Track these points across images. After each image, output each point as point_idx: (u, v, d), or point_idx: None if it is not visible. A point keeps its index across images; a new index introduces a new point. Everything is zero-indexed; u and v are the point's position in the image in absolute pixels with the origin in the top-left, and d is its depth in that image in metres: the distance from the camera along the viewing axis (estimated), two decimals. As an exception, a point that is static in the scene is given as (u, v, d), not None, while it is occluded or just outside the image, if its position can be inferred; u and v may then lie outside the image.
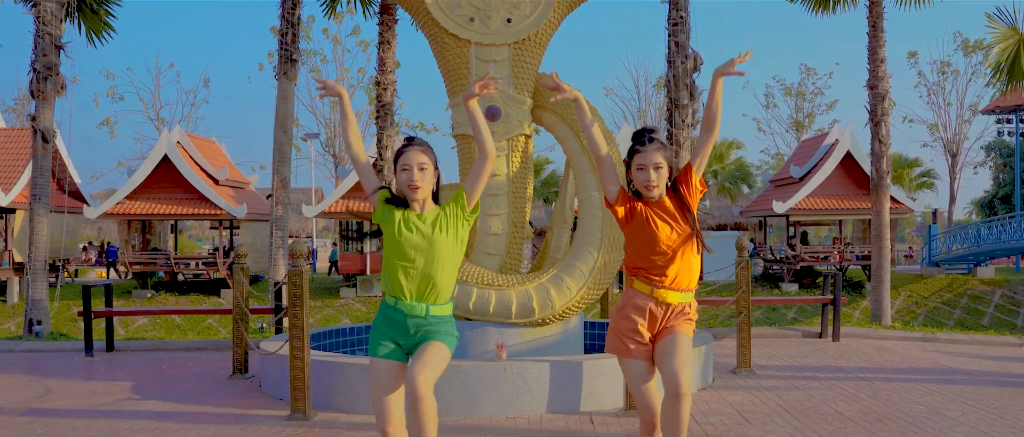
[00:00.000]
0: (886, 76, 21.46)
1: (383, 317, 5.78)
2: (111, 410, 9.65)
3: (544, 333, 10.45)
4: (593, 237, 10.43)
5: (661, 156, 5.78)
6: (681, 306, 5.87)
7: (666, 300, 5.81)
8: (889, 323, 20.52)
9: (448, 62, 10.78)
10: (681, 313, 5.88)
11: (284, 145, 19.79)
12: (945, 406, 9.41)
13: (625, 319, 5.91)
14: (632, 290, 5.93)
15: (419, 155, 5.68)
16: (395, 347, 5.75)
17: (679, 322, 5.87)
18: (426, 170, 5.69)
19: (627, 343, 5.88)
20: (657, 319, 5.86)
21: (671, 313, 5.85)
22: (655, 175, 5.74)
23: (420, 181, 5.64)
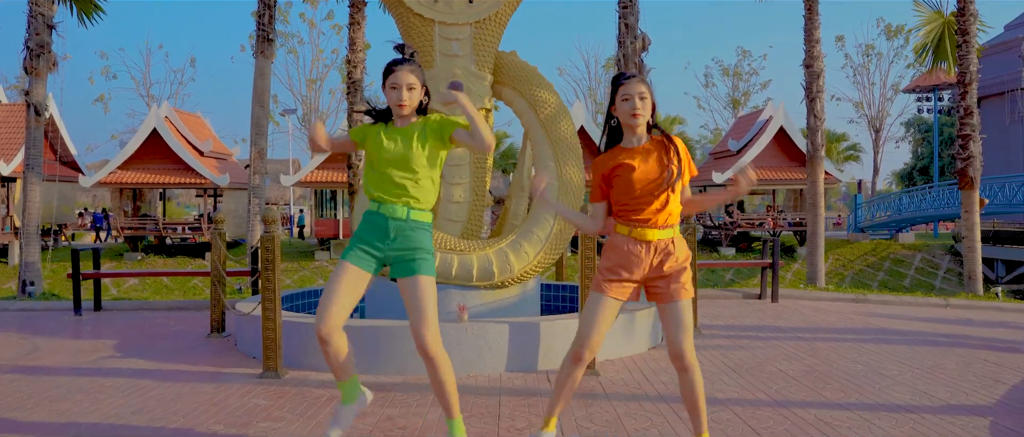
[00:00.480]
0: (820, 56, 21.18)
1: (365, 223, 5.54)
2: (94, 368, 9.26)
3: (503, 295, 10.13)
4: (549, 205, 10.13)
5: (645, 87, 5.37)
6: (664, 245, 5.37)
7: (646, 238, 5.33)
8: (823, 285, 20.34)
9: (413, 40, 10.44)
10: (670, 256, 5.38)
11: (261, 119, 19.37)
12: (882, 365, 9.16)
13: (606, 260, 5.48)
14: (613, 234, 5.49)
15: (408, 75, 5.44)
16: (368, 256, 5.50)
17: (679, 286, 5.40)
18: (414, 89, 5.46)
19: (602, 281, 5.44)
20: (642, 260, 5.37)
21: (656, 255, 5.36)
22: (640, 103, 5.30)
23: (408, 100, 5.42)
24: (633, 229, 5.37)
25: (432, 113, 5.54)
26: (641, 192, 5.31)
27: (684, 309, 5.38)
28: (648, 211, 5.33)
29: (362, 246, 5.50)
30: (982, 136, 20.38)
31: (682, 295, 5.39)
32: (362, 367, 8.67)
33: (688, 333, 5.36)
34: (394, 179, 5.41)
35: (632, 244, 5.38)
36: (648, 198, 5.32)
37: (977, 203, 19.73)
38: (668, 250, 5.38)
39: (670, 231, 5.40)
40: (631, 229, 5.37)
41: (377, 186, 5.47)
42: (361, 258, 5.48)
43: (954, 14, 21.48)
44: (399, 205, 5.43)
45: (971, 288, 19.44)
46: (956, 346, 10.49)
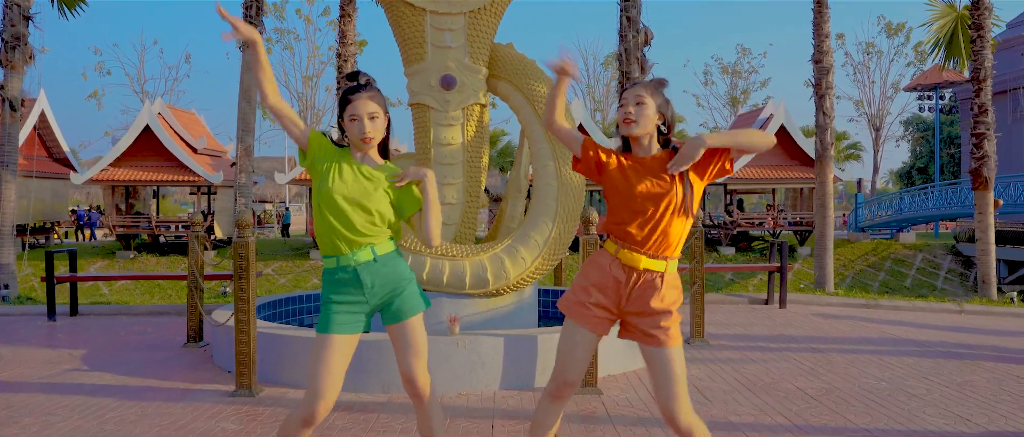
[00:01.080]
0: (830, 51, 20.32)
1: (331, 283, 4.70)
2: (54, 383, 8.52)
3: (498, 304, 9.38)
4: (548, 207, 9.39)
5: (645, 91, 4.59)
6: (651, 277, 4.53)
7: (633, 264, 4.51)
8: (833, 289, 19.57)
9: (403, 31, 9.68)
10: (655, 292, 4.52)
11: (248, 115, 18.59)
12: (907, 382, 8.43)
13: (582, 277, 4.68)
14: (600, 249, 4.68)
15: (369, 104, 4.63)
16: (351, 317, 4.68)
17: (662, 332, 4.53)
18: (377, 119, 4.65)
19: (574, 303, 4.64)
20: (621, 287, 4.56)
21: (639, 286, 4.53)
22: (633, 109, 4.53)
23: (372, 132, 4.62)
24: (621, 250, 4.58)
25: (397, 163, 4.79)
26: (638, 208, 4.52)
27: (672, 358, 4.51)
28: (642, 232, 4.52)
29: (341, 309, 4.69)
30: (997, 134, 19.65)
31: (667, 342, 4.52)
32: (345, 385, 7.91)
33: (680, 388, 4.49)
34: (354, 222, 4.61)
35: (616, 266, 4.60)
36: (645, 217, 4.51)
37: (991, 204, 18.97)
38: (655, 284, 4.56)
39: (663, 264, 4.56)
40: (619, 249, 4.59)
41: (332, 233, 4.66)
42: (347, 322, 4.67)
43: (967, 8, 20.76)
44: (361, 250, 4.66)
45: (985, 292, 18.70)
46: (982, 359, 9.76)
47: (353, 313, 4.67)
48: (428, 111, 9.55)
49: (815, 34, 20.33)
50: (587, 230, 8.23)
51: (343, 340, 4.62)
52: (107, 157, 40.70)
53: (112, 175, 40.32)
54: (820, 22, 20.21)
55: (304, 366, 7.97)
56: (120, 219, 41.16)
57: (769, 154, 43.27)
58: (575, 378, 4.64)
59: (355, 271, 4.63)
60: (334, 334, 4.61)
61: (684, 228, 4.58)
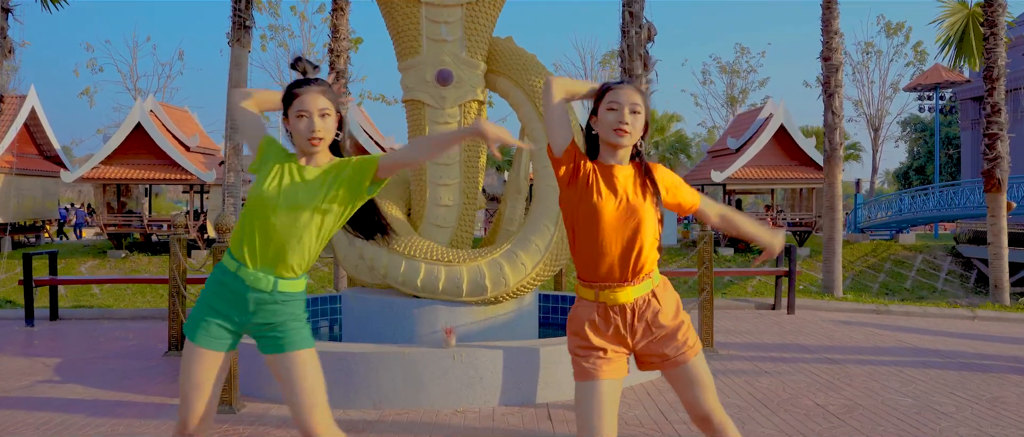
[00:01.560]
0: (839, 48, 19.68)
1: (217, 285, 4.09)
2: (21, 397, 7.97)
3: (497, 312, 8.82)
4: (550, 210, 8.84)
5: (639, 97, 4.02)
6: (645, 302, 4.03)
7: (618, 302, 4.00)
8: (841, 294, 19.01)
9: (397, 23, 9.15)
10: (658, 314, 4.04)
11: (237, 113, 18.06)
12: (933, 397, 7.89)
13: (573, 335, 4.10)
14: (578, 300, 4.14)
15: (319, 99, 4.03)
16: (222, 331, 4.07)
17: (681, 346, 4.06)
18: (328, 117, 4.04)
19: (582, 361, 4.03)
20: (616, 330, 4.03)
21: (634, 319, 4.03)
22: (629, 117, 3.97)
23: (322, 131, 4.02)
24: (599, 292, 4.04)
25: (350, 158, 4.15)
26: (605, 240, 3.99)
27: (698, 368, 4.09)
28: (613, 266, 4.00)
29: (214, 319, 4.09)
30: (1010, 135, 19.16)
31: (690, 356, 4.08)
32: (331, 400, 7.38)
33: (710, 390, 4.11)
34: (271, 235, 4.00)
35: (602, 311, 4.05)
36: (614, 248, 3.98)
37: (1004, 207, 18.46)
38: (654, 307, 4.06)
39: (648, 283, 4.06)
40: (597, 293, 4.05)
41: (242, 242, 4.07)
42: (214, 337, 4.07)
43: (980, 5, 20.26)
44: (264, 276, 4.04)
45: (998, 298, 18.18)
46: (1009, 372, 9.22)
47: (224, 329, 4.09)
48: (423, 108, 9.03)
49: (824, 30, 19.73)
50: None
51: (210, 355, 4.05)
52: (98, 155, 40.24)
53: (103, 173, 39.86)
54: (829, 18, 19.58)
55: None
56: (111, 218, 40.71)
57: (768, 154, 42.92)
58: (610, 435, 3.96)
59: (246, 289, 4.05)
60: (201, 347, 4.04)
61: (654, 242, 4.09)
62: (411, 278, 8.44)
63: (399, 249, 8.46)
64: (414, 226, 9.19)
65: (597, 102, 4.10)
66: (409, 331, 8.48)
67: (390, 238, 4.40)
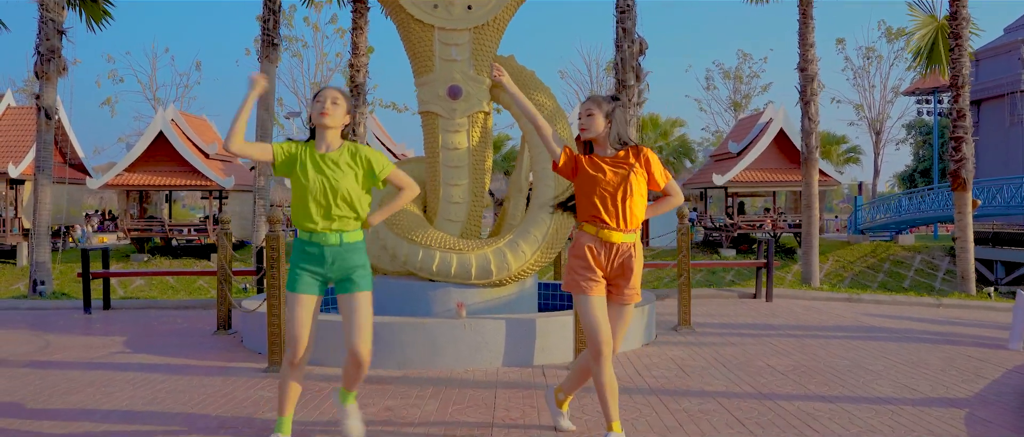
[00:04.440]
0: (815, 59, 21.42)
1: (300, 252, 5.75)
2: (104, 362, 9.54)
3: (501, 293, 10.39)
4: (546, 205, 10.38)
5: (594, 105, 5.92)
6: (627, 249, 5.85)
7: (610, 240, 5.80)
8: (818, 285, 20.55)
9: (413, 45, 10.70)
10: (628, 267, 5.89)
11: (266, 122, 19.54)
12: (867, 360, 9.42)
13: (576, 257, 5.92)
14: (581, 231, 5.95)
15: (333, 92, 5.72)
16: (313, 280, 5.74)
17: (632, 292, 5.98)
18: (338, 104, 5.69)
19: (580, 280, 5.85)
20: (603, 259, 5.86)
21: (617, 256, 5.84)
22: (586, 120, 5.89)
23: (331, 110, 5.63)
24: (600, 230, 5.83)
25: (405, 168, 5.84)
26: (606, 193, 5.78)
27: (629, 312, 6.05)
28: (614, 212, 5.79)
29: (305, 272, 5.72)
30: (975, 138, 20.60)
31: (633, 299, 6.01)
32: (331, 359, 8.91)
33: (623, 331, 6.05)
34: (328, 209, 5.62)
35: (598, 244, 5.86)
36: (614, 200, 5.79)
37: (970, 204, 19.88)
38: (630, 254, 5.89)
39: (632, 236, 5.90)
40: (598, 230, 5.83)
41: (306, 217, 5.65)
42: (309, 284, 5.72)
43: (947, 18, 21.69)
44: (331, 234, 5.65)
45: (964, 288, 19.58)
46: (943, 343, 10.72)
47: (314, 278, 5.75)
48: (437, 118, 10.57)
49: (800, 43, 21.44)
50: (579, 224, 9.23)
51: (308, 298, 5.73)
52: (122, 162, 41.52)
53: (127, 180, 41.18)
54: (805, 32, 21.38)
55: (328, 345, 8.97)
56: (134, 223, 41.96)
57: (769, 157, 43.98)
58: (607, 335, 5.81)
59: (322, 248, 5.67)
60: (301, 293, 5.71)
61: (642, 206, 5.93)
62: (427, 264, 10.02)
63: (417, 240, 10.04)
64: (429, 221, 10.73)
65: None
66: (426, 309, 10.06)
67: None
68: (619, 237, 5.81)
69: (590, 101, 5.96)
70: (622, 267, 5.88)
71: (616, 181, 5.77)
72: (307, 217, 5.64)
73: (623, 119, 5.95)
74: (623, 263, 5.87)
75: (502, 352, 9.18)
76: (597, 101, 5.94)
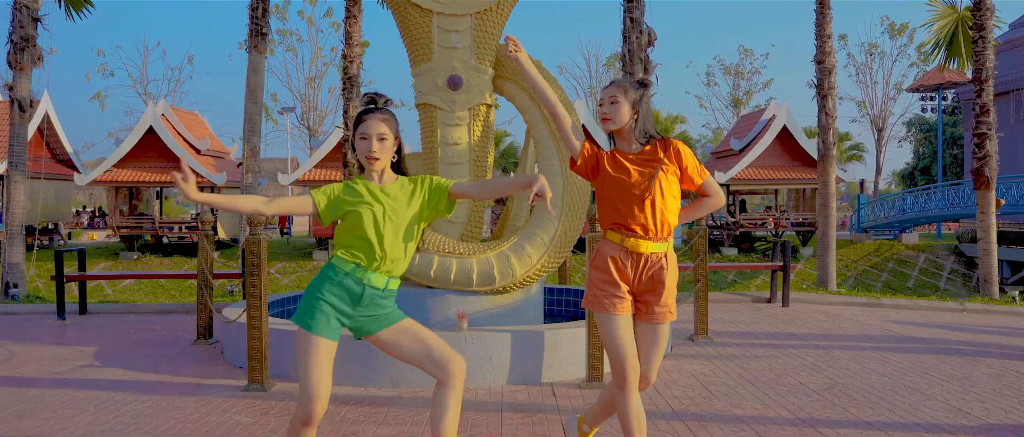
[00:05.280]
0: (832, 51, 20.28)
1: (332, 283, 4.74)
2: (69, 378, 8.68)
3: (505, 300, 9.54)
4: (554, 206, 9.55)
5: (619, 91, 4.99)
6: (657, 260, 4.94)
7: (638, 250, 4.90)
8: (834, 289, 19.65)
9: (411, 32, 9.85)
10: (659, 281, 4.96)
11: (254, 115, 18.67)
12: (907, 376, 8.59)
13: (598, 270, 5.02)
14: (604, 240, 5.04)
15: (380, 125, 4.77)
16: (337, 323, 4.76)
17: (664, 310, 5.01)
18: (385, 140, 4.77)
19: (602, 297, 4.96)
20: (630, 273, 4.95)
21: (646, 269, 4.93)
22: (610, 108, 4.98)
23: (379, 152, 4.74)
24: (626, 239, 4.95)
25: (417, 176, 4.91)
26: (630, 199, 4.91)
27: (665, 332, 5.11)
28: (638, 221, 4.91)
29: (332, 312, 4.77)
30: (999, 135, 19.74)
31: (666, 318, 5.05)
32: (352, 379, 8.10)
33: (659, 355, 5.12)
34: (382, 246, 4.74)
35: (623, 254, 4.97)
36: (641, 204, 4.90)
37: (993, 204, 19.01)
38: (660, 265, 4.99)
39: (664, 245, 4.99)
40: (623, 238, 4.96)
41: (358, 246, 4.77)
42: (334, 328, 4.76)
43: (969, 8, 20.82)
44: (380, 275, 4.77)
45: (987, 291, 18.75)
46: (983, 356, 9.91)
47: (339, 321, 4.78)
48: (435, 111, 9.71)
49: (817, 35, 20.32)
50: (593, 228, 8.37)
51: (329, 346, 4.71)
52: (111, 158, 40.80)
53: (116, 176, 40.44)
54: (822, 23, 20.20)
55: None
56: (123, 220, 41.31)
57: (771, 155, 43.37)
58: (633, 360, 4.91)
59: (363, 287, 4.75)
60: (323, 337, 4.69)
61: (675, 210, 4.99)
62: (425, 269, 9.17)
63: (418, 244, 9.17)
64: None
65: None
66: (424, 319, 9.16)
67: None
68: (648, 247, 4.91)
69: (615, 86, 5.03)
70: (652, 281, 4.97)
71: (643, 182, 4.87)
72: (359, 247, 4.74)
73: (647, 109, 5.07)
74: (653, 276, 4.96)
75: (507, 368, 8.32)
76: (623, 87, 5.01)
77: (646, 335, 5.05)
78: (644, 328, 5.05)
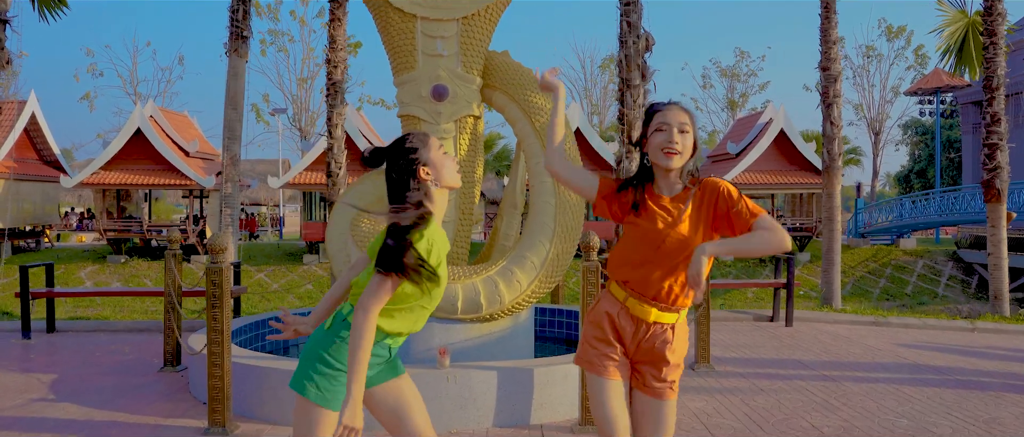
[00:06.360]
0: (838, 58, 19.39)
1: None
2: (16, 416, 7.91)
3: (492, 328, 8.81)
4: (545, 226, 8.82)
5: (686, 117, 4.01)
6: (662, 331, 4.02)
7: (637, 314, 4.00)
8: (840, 306, 18.85)
9: (393, 38, 9.13)
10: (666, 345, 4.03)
11: (234, 122, 17.81)
12: (928, 416, 7.87)
13: (593, 325, 4.13)
14: (606, 292, 4.15)
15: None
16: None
17: (665, 386, 4.06)
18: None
19: (592, 356, 4.08)
20: (626, 336, 4.05)
21: (647, 338, 4.03)
22: (678, 137, 3.95)
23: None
24: (630, 297, 4.04)
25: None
26: (652, 257, 3.97)
27: (668, 412, 4.09)
28: (658, 283, 3.98)
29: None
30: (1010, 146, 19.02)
31: (669, 395, 4.09)
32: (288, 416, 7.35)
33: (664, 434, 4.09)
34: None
35: (624, 316, 4.07)
36: (664, 268, 3.96)
37: (1004, 217, 18.28)
38: (665, 338, 4.05)
39: (674, 316, 4.05)
40: (627, 296, 4.05)
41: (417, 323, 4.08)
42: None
43: (979, 14, 20.11)
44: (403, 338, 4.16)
45: (998, 308, 18.03)
46: (1007, 390, 9.18)
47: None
48: (418, 123, 9.02)
49: (822, 41, 19.45)
50: (588, 256, 7.64)
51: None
52: (98, 160, 40.14)
53: (103, 179, 39.77)
54: (827, 28, 19.29)
55: (283, 400, 7.42)
56: (111, 223, 40.64)
57: (768, 159, 42.85)
58: (622, 433, 4.03)
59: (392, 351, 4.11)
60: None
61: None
62: (406, 296, 8.44)
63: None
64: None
65: (645, 125, 4.11)
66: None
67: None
68: (654, 315, 4.01)
69: (681, 111, 4.07)
70: (652, 353, 4.08)
71: (678, 245, 3.93)
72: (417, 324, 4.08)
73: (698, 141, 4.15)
74: (655, 348, 4.06)
75: (493, 409, 7.57)
76: (690, 113, 4.07)
77: (646, 411, 4.11)
78: (643, 401, 4.13)
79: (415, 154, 3.89)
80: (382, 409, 4.06)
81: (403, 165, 3.87)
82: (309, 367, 3.87)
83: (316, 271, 36.79)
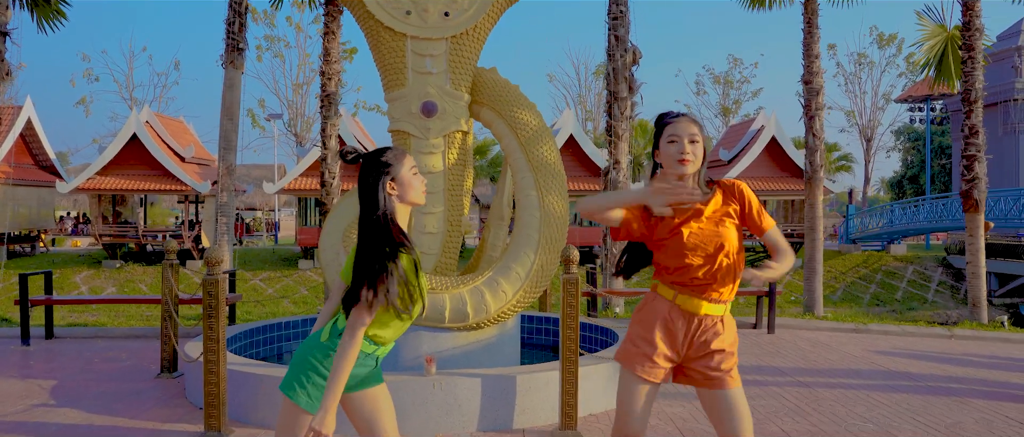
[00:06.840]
0: (820, 71, 19.85)
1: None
2: (16, 422, 8.24)
3: (479, 337, 9.14)
4: (530, 238, 9.15)
5: (696, 128, 4.36)
6: (713, 323, 4.37)
7: (693, 310, 4.33)
8: (821, 313, 19.19)
9: (384, 56, 9.45)
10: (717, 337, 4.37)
11: (230, 132, 18.13)
12: (893, 421, 8.21)
13: (641, 326, 4.45)
14: (653, 293, 4.48)
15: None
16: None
17: (723, 375, 4.37)
18: None
19: (636, 358, 4.40)
20: (678, 336, 4.37)
21: (700, 332, 4.36)
22: (689, 147, 4.29)
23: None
24: (679, 295, 4.38)
25: None
26: (692, 257, 4.32)
27: (737, 399, 4.36)
28: (701, 279, 4.33)
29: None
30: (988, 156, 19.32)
31: (730, 383, 4.37)
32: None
33: (748, 427, 4.36)
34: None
35: (675, 313, 4.39)
36: (702, 264, 4.32)
37: (982, 227, 18.58)
38: (716, 330, 4.39)
39: (722, 307, 4.41)
40: (677, 295, 4.39)
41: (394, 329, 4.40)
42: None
43: (958, 28, 20.46)
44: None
45: (976, 315, 18.36)
46: (972, 396, 9.52)
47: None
48: (408, 138, 9.33)
49: (805, 54, 19.87)
50: (568, 269, 7.97)
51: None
52: (93, 166, 40.40)
53: (98, 184, 40.03)
54: (810, 42, 19.74)
55: (276, 406, 7.75)
56: (106, 228, 40.88)
57: (760, 165, 43.17)
58: (638, 433, 4.40)
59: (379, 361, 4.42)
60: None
61: (741, 267, 4.38)
62: (394, 305, 8.76)
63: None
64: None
65: (656, 137, 4.46)
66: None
67: None
68: (706, 308, 4.35)
69: (691, 122, 4.42)
70: (704, 346, 4.38)
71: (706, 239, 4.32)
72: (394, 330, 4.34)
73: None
74: (705, 340, 4.38)
75: (477, 414, 7.91)
76: (698, 123, 4.44)
77: (717, 405, 4.39)
78: (709, 396, 4.42)
79: (387, 169, 4.22)
80: (357, 414, 4.38)
81: (373, 176, 4.20)
82: (302, 374, 4.19)
83: (311, 276, 37.06)
